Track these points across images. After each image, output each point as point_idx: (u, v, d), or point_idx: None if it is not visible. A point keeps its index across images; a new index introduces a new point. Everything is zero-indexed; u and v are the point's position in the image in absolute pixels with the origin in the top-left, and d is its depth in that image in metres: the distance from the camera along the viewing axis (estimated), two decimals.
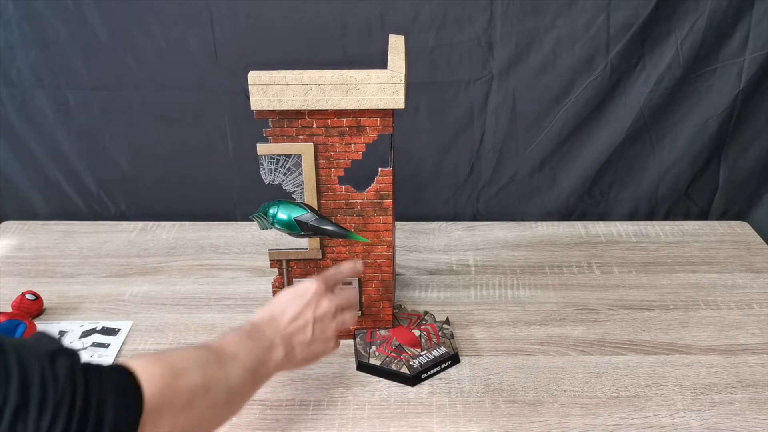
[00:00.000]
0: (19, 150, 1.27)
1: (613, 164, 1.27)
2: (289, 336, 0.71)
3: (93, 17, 1.15)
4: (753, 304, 1.03)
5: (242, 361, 0.64)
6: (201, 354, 0.61)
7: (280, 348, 0.70)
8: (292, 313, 0.72)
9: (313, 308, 0.73)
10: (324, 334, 0.74)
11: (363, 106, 0.79)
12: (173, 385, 0.55)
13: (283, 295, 0.75)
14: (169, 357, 0.58)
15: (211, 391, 0.60)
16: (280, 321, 0.72)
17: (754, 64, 1.16)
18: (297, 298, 0.74)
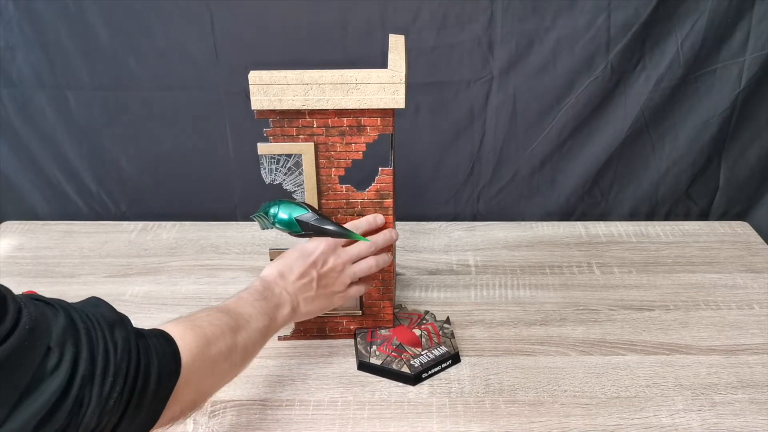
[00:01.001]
0: (19, 150, 1.27)
1: (613, 164, 1.27)
2: (295, 293, 0.78)
3: (93, 17, 1.15)
4: (753, 304, 1.03)
5: (255, 324, 0.70)
6: (225, 320, 0.67)
7: (287, 305, 0.77)
8: (298, 271, 0.79)
9: (318, 267, 0.80)
10: (327, 289, 0.81)
11: (363, 106, 0.79)
12: (205, 352, 0.61)
13: (293, 252, 0.81)
14: (200, 324, 0.64)
15: (232, 356, 0.66)
16: (289, 278, 0.78)
17: (755, 64, 1.16)
18: (304, 257, 0.80)
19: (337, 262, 0.82)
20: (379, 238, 0.86)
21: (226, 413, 0.83)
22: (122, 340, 0.52)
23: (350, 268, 0.84)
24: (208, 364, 0.62)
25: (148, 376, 0.53)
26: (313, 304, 0.81)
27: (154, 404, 0.55)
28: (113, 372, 0.50)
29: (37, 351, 0.47)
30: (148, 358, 0.54)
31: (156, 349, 0.56)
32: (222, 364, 0.64)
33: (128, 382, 0.51)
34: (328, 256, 0.81)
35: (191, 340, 0.60)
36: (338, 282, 0.83)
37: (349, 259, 0.83)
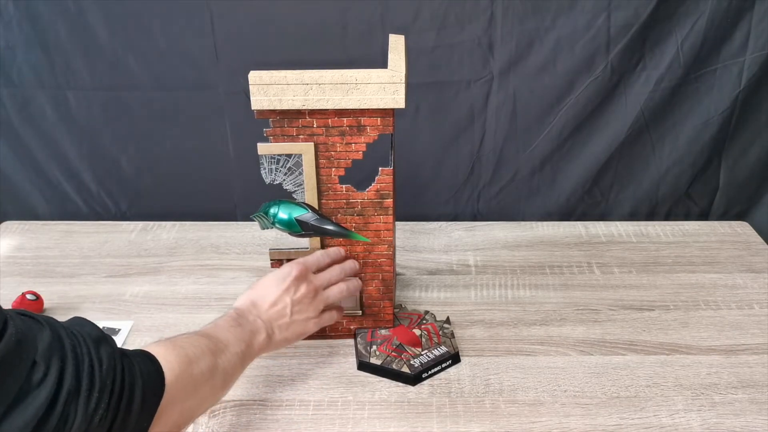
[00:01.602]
0: (19, 150, 1.27)
1: (613, 164, 1.27)
2: (269, 320, 0.78)
3: (93, 17, 1.15)
4: (753, 304, 1.03)
5: (234, 349, 0.70)
6: (205, 343, 0.67)
7: (262, 332, 0.76)
8: (272, 299, 0.79)
9: (291, 293, 0.80)
10: (302, 315, 0.81)
11: (363, 106, 0.79)
12: (187, 372, 0.61)
13: (265, 281, 0.81)
14: (182, 344, 0.64)
15: (213, 378, 0.66)
16: (262, 306, 0.78)
17: (755, 64, 1.16)
18: (277, 283, 0.80)
19: (309, 288, 0.82)
20: (347, 264, 0.88)
21: (226, 413, 0.83)
22: (107, 356, 0.52)
23: (323, 294, 0.84)
24: (191, 384, 0.62)
25: (132, 393, 0.54)
26: (288, 331, 0.80)
27: (139, 423, 0.55)
28: (99, 388, 0.50)
29: (24, 364, 0.47)
30: (132, 376, 0.54)
31: (140, 368, 0.56)
32: (204, 385, 0.65)
33: (113, 399, 0.51)
34: (300, 283, 0.81)
35: (174, 359, 0.61)
36: (311, 308, 0.82)
37: (321, 285, 0.83)
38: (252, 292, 0.81)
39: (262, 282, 0.81)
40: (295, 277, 0.81)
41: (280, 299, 0.80)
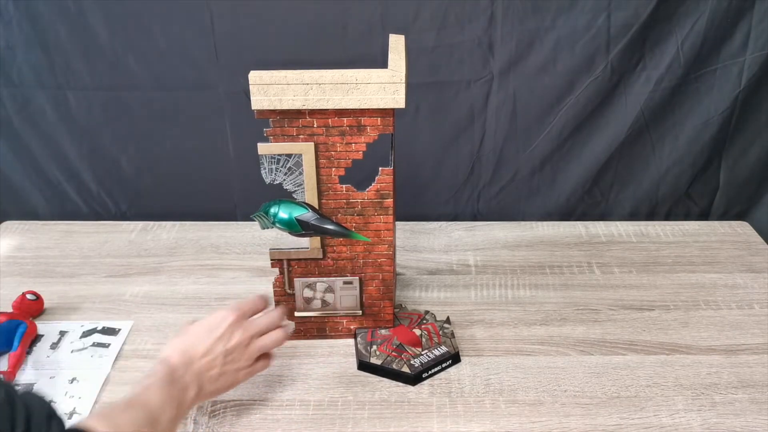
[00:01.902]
0: (19, 150, 1.27)
1: (613, 164, 1.27)
2: (200, 372, 0.75)
3: (93, 17, 1.15)
4: (753, 304, 1.03)
5: (168, 413, 0.68)
6: (139, 415, 0.65)
7: (193, 387, 0.73)
8: (203, 349, 0.76)
9: (224, 342, 0.77)
10: (234, 365, 0.77)
11: (363, 106, 0.79)
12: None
13: (197, 328, 0.78)
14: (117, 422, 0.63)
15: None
16: (193, 358, 0.75)
17: (755, 64, 1.16)
18: (210, 331, 0.77)
19: (244, 336, 0.78)
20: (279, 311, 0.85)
21: (227, 413, 0.83)
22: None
23: (257, 342, 0.80)
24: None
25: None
26: (218, 382, 0.77)
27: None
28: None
29: None
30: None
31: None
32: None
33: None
34: (234, 330, 0.78)
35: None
36: (244, 357, 0.78)
37: (257, 332, 0.80)
38: (183, 340, 0.77)
39: (195, 329, 0.78)
40: (229, 324, 0.77)
41: (212, 349, 0.76)
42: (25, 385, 0.88)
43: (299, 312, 0.94)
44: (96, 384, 0.88)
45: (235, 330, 0.78)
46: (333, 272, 0.92)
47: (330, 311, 0.94)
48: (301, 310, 0.94)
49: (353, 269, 0.92)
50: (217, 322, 0.78)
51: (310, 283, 0.92)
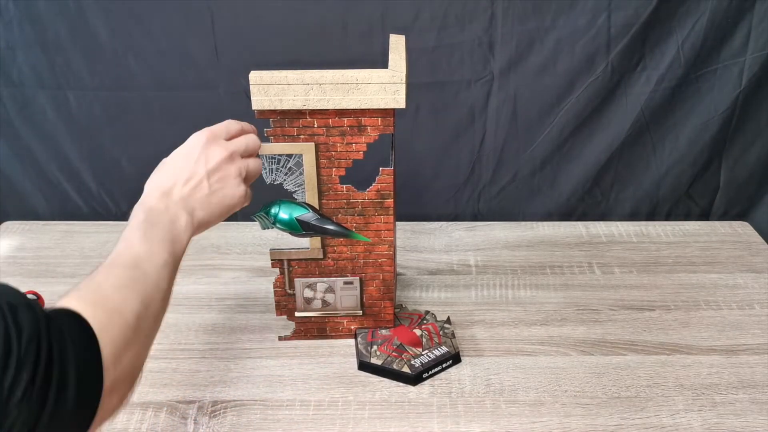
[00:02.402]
0: (19, 150, 1.27)
1: (613, 164, 1.27)
2: (186, 198, 0.67)
3: (94, 18, 1.15)
4: (754, 304, 1.03)
5: (159, 257, 0.61)
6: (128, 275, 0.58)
7: (182, 215, 0.66)
8: (184, 177, 0.67)
9: (204, 162, 0.68)
10: (225, 182, 0.69)
11: (364, 106, 0.79)
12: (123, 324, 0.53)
13: (169, 162, 0.69)
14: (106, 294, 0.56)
15: (150, 306, 0.58)
16: (173, 191, 0.67)
17: (755, 64, 1.16)
18: (184, 158, 0.69)
19: (223, 153, 0.69)
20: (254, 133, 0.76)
21: (227, 413, 0.83)
22: (29, 323, 0.45)
23: (241, 161, 0.71)
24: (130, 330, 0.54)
25: (64, 364, 0.46)
26: (211, 205, 0.69)
27: (83, 396, 0.47)
28: (17, 360, 0.43)
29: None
30: (62, 343, 0.46)
31: (70, 334, 0.48)
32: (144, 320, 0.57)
33: (39, 372, 0.44)
34: (210, 148, 0.69)
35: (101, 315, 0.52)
36: (232, 172, 0.70)
37: (236, 150, 0.71)
38: (158, 178, 0.68)
39: (167, 163, 0.69)
40: (203, 145, 0.69)
41: (194, 172, 0.67)
42: None
43: (299, 312, 0.94)
44: None
45: (211, 148, 0.70)
46: (333, 272, 0.92)
47: (330, 311, 0.94)
48: (301, 311, 0.94)
49: (354, 269, 0.92)
50: (189, 147, 0.70)
51: (311, 284, 0.92)
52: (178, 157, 0.69)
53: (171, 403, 0.85)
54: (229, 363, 0.91)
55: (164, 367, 0.91)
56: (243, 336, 0.97)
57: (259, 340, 0.96)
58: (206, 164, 0.68)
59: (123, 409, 0.56)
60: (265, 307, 1.02)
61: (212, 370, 0.90)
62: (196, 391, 0.86)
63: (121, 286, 0.57)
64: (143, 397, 0.85)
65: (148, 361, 0.91)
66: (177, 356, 0.93)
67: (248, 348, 0.94)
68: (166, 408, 0.84)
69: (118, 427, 0.81)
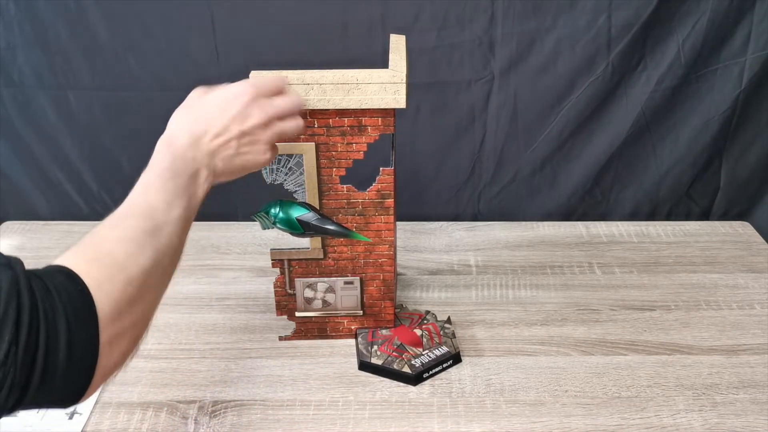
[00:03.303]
0: (20, 150, 1.27)
1: (614, 164, 1.26)
2: (212, 153, 0.65)
3: (94, 18, 1.15)
4: (754, 304, 1.03)
5: (175, 211, 0.59)
6: (138, 227, 0.56)
7: (204, 171, 0.64)
8: (216, 129, 0.65)
9: (240, 122, 0.65)
10: (252, 146, 0.67)
11: (364, 106, 0.79)
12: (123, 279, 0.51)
13: (209, 105, 0.66)
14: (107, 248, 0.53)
15: (160, 261, 0.56)
16: (202, 141, 0.64)
17: (756, 64, 1.16)
18: (223, 110, 0.66)
19: (261, 117, 0.67)
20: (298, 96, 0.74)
21: (227, 413, 0.83)
22: (7, 282, 0.43)
23: (278, 125, 0.69)
24: (133, 289, 0.52)
25: (52, 322, 0.45)
26: (232, 163, 0.66)
27: (76, 353, 0.46)
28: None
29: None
30: (49, 302, 0.45)
31: (58, 291, 0.46)
32: (151, 278, 0.55)
33: (22, 331, 0.43)
34: (250, 109, 0.66)
35: (98, 273, 0.50)
36: (262, 140, 0.67)
37: (275, 114, 0.68)
38: (192, 118, 0.66)
39: (205, 105, 0.66)
40: (245, 103, 0.66)
41: (227, 129, 0.65)
42: None
43: (300, 312, 0.94)
44: None
45: (251, 109, 0.66)
46: (334, 272, 0.92)
47: (331, 311, 0.94)
48: (301, 310, 0.94)
49: (354, 269, 0.92)
50: (231, 99, 0.66)
51: (311, 283, 0.92)
52: (216, 104, 0.66)
53: (171, 403, 0.85)
54: (229, 363, 0.91)
55: (164, 367, 0.91)
56: (243, 336, 0.97)
57: (260, 340, 0.96)
58: (241, 124, 0.65)
59: (131, 360, 0.54)
60: (265, 307, 1.02)
61: (212, 370, 0.90)
62: (197, 391, 0.87)
63: (129, 239, 0.54)
64: (143, 397, 0.85)
65: (149, 361, 0.91)
66: (177, 356, 0.93)
67: (249, 348, 0.94)
68: (167, 408, 0.84)
69: (118, 426, 0.81)
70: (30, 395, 0.44)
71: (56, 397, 0.46)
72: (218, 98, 0.67)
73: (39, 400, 0.45)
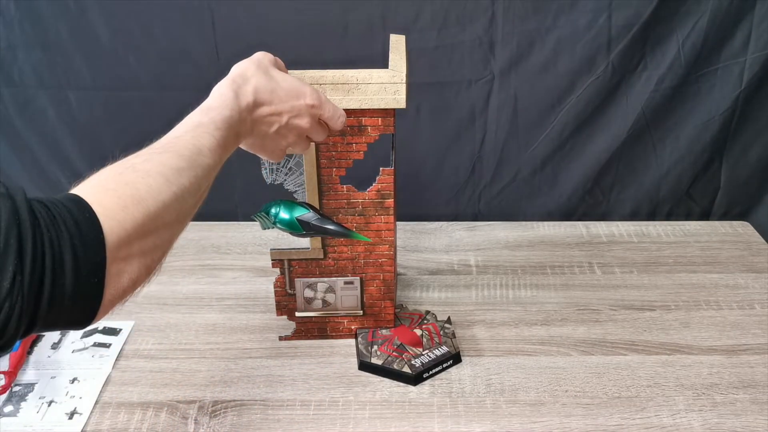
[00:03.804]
0: (20, 150, 1.27)
1: (614, 164, 1.26)
2: (259, 121, 0.69)
3: (94, 17, 1.15)
4: (754, 304, 1.03)
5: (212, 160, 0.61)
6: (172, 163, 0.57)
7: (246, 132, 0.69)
8: (275, 108, 0.69)
9: (293, 114, 0.70)
10: (289, 131, 0.71)
11: (364, 106, 0.79)
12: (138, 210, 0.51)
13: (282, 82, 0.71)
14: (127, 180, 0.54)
15: (183, 200, 0.57)
16: (261, 109, 0.69)
17: (756, 64, 1.16)
18: (291, 97, 0.70)
19: (309, 122, 0.71)
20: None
21: (227, 413, 0.83)
22: (6, 212, 0.43)
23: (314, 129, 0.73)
24: (148, 223, 0.52)
25: (58, 251, 0.45)
26: (266, 139, 0.71)
27: (83, 283, 0.46)
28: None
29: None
30: (54, 230, 0.45)
31: (64, 219, 0.46)
32: (169, 215, 0.55)
33: (26, 261, 0.43)
34: (307, 112, 0.70)
35: (112, 203, 0.50)
36: (291, 135, 0.72)
37: (317, 125, 0.73)
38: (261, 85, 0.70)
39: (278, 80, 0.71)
40: (307, 104, 0.70)
41: (282, 111, 0.69)
42: (26, 384, 0.88)
43: (300, 312, 0.94)
44: (97, 384, 0.88)
45: (308, 113, 0.70)
46: (334, 272, 0.92)
47: (331, 311, 0.94)
48: (301, 310, 0.94)
49: (354, 269, 0.92)
50: (299, 93, 0.70)
51: (311, 283, 0.92)
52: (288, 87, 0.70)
53: (171, 403, 0.85)
54: (229, 363, 0.91)
55: (164, 367, 0.91)
56: (243, 336, 0.97)
57: (260, 340, 0.96)
58: (292, 117, 0.70)
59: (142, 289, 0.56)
60: (265, 307, 1.02)
61: (212, 370, 0.90)
62: (197, 391, 0.87)
63: (157, 173, 0.55)
64: (143, 396, 0.86)
65: (149, 361, 0.92)
66: (177, 356, 0.93)
67: (249, 348, 0.94)
68: (167, 408, 0.84)
69: (118, 426, 0.81)
70: (41, 319, 0.44)
71: (68, 319, 0.47)
72: (292, 84, 0.71)
73: (52, 323, 0.46)
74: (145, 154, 0.57)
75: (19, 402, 0.85)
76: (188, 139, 0.61)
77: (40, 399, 0.85)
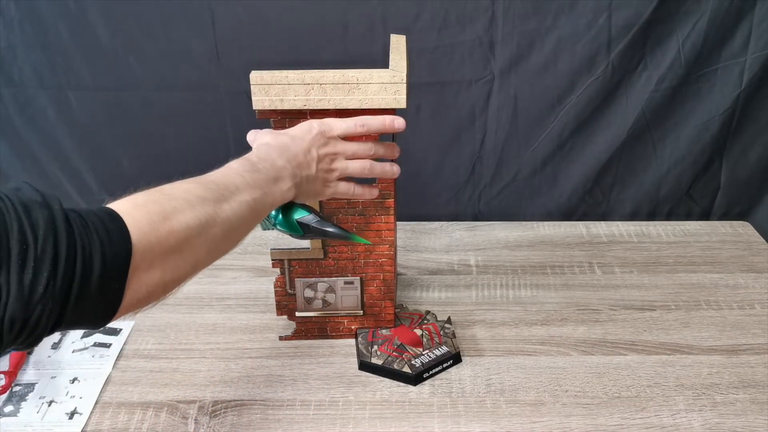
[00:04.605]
0: (20, 150, 1.27)
1: (614, 164, 1.26)
2: (298, 167, 0.69)
3: (94, 18, 1.15)
4: (755, 304, 1.03)
5: (244, 196, 0.62)
6: (198, 192, 0.59)
7: (287, 180, 0.68)
8: (302, 146, 0.70)
9: (317, 145, 0.71)
10: (324, 170, 0.72)
11: (365, 106, 0.79)
12: (163, 227, 0.53)
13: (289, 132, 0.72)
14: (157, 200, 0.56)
15: (208, 229, 0.58)
16: (291, 150, 0.69)
17: (756, 64, 1.16)
18: (303, 133, 0.72)
19: (330, 148, 0.73)
20: (384, 146, 0.77)
21: (227, 413, 0.83)
22: (44, 220, 0.45)
23: (342, 161, 0.74)
24: (171, 240, 0.54)
25: (89, 258, 0.47)
26: (313, 185, 0.72)
27: (105, 289, 0.49)
28: (34, 257, 0.44)
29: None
30: (87, 238, 0.47)
31: (96, 228, 0.49)
32: (194, 239, 0.56)
33: (60, 267, 0.45)
34: (321, 139, 0.72)
35: (141, 215, 0.53)
36: (332, 168, 0.73)
37: (343, 152, 0.74)
38: (275, 138, 0.71)
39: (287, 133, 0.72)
40: (317, 132, 0.72)
41: (310, 148, 0.70)
42: (26, 384, 0.88)
43: (300, 312, 0.94)
44: (97, 384, 0.88)
45: (322, 139, 0.72)
46: (334, 272, 0.92)
47: (331, 311, 0.94)
48: (302, 310, 0.94)
49: (354, 269, 0.92)
50: (306, 129, 0.72)
51: (311, 283, 0.92)
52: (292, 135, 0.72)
53: (171, 403, 0.85)
54: (229, 363, 0.91)
55: (164, 367, 0.91)
56: (243, 336, 0.97)
57: (260, 340, 0.96)
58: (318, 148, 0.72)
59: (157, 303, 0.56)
60: (265, 307, 1.02)
61: (213, 369, 0.90)
62: (197, 390, 0.87)
63: (181, 198, 0.57)
64: (143, 396, 0.86)
65: (149, 361, 0.92)
66: (177, 356, 0.93)
67: (249, 348, 0.94)
68: (167, 408, 0.84)
69: (118, 426, 0.81)
70: (66, 319, 0.47)
71: (89, 318, 0.50)
72: (293, 130, 0.73)
73: (75, 321, 0.48)
74: (174, 183, 0.60)
75: (19, 402, 0.85)
76: (216, 176, 0.64)
77: (41, 399, 0.86)
